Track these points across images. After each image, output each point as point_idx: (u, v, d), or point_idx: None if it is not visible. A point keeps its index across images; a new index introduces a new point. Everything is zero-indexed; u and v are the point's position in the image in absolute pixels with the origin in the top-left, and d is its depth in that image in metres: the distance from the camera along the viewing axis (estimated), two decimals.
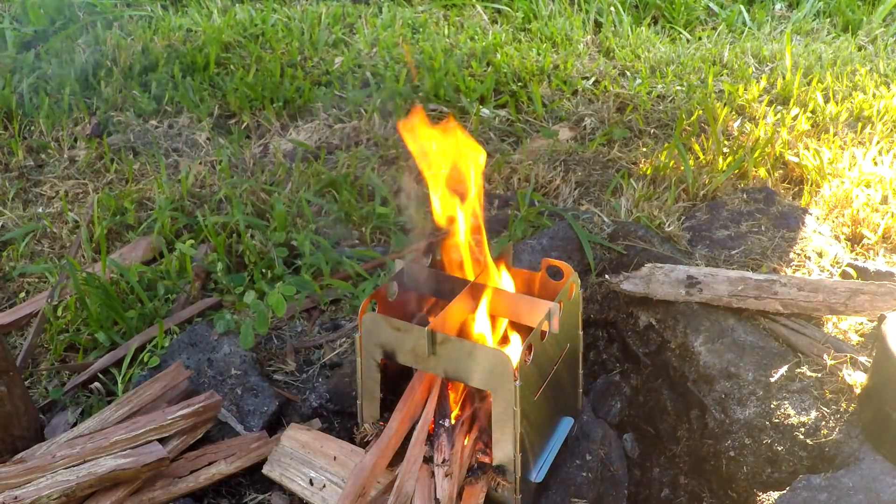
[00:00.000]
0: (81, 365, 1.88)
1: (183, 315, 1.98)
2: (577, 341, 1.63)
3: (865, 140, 2.73)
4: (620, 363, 2.04)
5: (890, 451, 1.42)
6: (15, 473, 1.43)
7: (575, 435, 1.63)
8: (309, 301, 2.02)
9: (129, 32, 3.77)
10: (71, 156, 2.82)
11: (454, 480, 1.40)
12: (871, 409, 1.50)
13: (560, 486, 1.54)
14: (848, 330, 1.84)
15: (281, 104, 3.08)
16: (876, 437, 1.47)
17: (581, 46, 3.59)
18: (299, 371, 1.82)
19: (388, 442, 1.44)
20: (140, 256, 2.21)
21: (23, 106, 3.10)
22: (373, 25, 3.81)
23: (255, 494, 1.58)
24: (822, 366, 1.69)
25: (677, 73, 3.33)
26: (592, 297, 2.06)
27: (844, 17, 4.02)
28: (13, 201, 2.59)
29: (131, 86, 3.23)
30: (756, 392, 1.67)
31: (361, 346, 1.50)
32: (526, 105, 3.12)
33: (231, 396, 1.71)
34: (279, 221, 2.28)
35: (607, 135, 2.86)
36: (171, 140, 2.91)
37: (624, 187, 2.46)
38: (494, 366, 1.35)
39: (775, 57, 3.46)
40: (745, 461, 1.64)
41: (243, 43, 3.60)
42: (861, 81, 3.18)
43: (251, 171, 2.67)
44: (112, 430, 1.52)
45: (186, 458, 1.55)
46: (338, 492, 1.46)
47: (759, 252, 2.08)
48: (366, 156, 2.72)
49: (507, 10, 4.03)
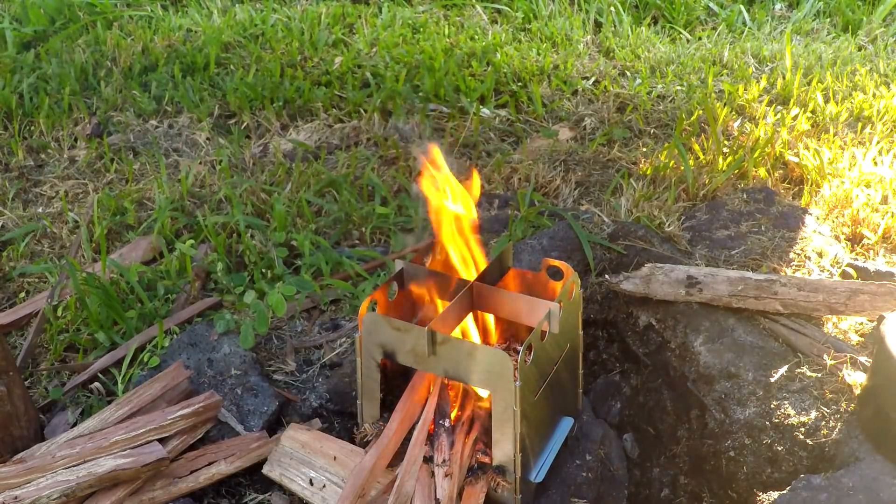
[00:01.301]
0: (81, 365, 1.88)
1: (183, 315, 1.98)
2: (577, 341, 1.63)
3: (865, 140, 2.73)
4: (620, 363, 2.04)
5: (890, 452, 1.43)
6: (15, 473, 1.43)
7: (575, 435, 1.63)
8: (309, 301, 2.02)
9: (129, 32, 3.77)
10: (71, 156, 2.82)
11: (454, 480, 1.40)
12: (870, 409, 1.50)
13: (560, 486, 1.54)
14: (848, 330, 1.84)
15: (281, 104, 3.08)
16: (876, 438, 1.47)
17: (581, 46, 3.59)
18: (299, 371, 1.82)
19: (387, 442, 1.44)
20: (140, 256, 2.21)
21: (23, 106, 3.10)
22: (373, 25, 3.81)
23: (255, 494, 1.58)
24: (822, 366, 1.69)
25: (677, 73, 3.33)
26: (592, 297, 2.06)
27: (844, 17, 4.02)
28: (13, 201, 2.59)
29: (131, 86, 3.23)
30: (756, 392, 1.67)
31: (361, 346, 1.50)
32: (526, 105, 3.12)
33: (231, 396, 1.71)
34: (279, 221, 2.28)
35: (607, 135, 2.86)
36: (171, 140, 2.92)
37: (624, 187, 2.46)
38: (494, 366, 1.35)
39: (775, 57, 3.46)
40: (745, 461, 1.64)
41: (243, 43, 3.60)
42: (861, 81, 3.18)
43: (251, 171, 2.67)
44: (112, 430, 1.52)
45: (186, 458, 1.55)
46: (338, 492, 1.46)
47: (759, 252, 2.08)
48: (366, 156, 2.72)
49: (507, 10, 4.03)
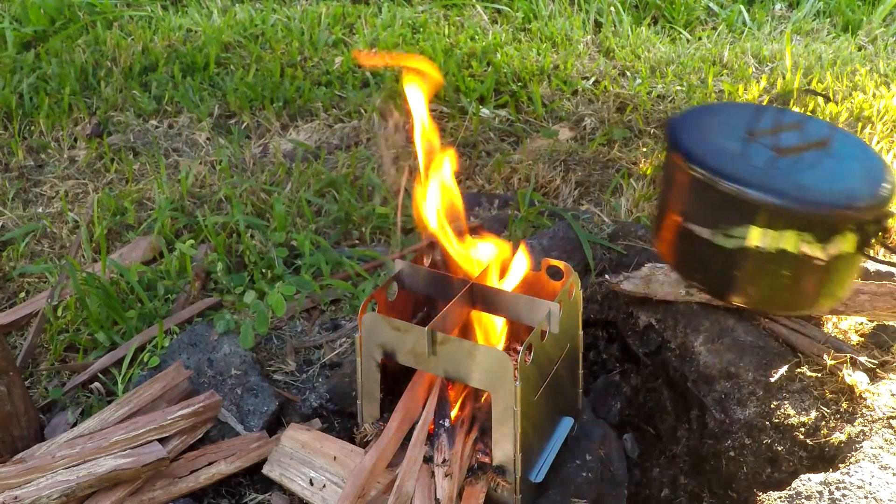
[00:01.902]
0: (81, 365, 1.88)
1: (183, 315, 1.98)
2: (577, 341, 1.63)
3: (865, 140, 2.73)
4: (620, 363, 2.04)
5: (676, 261, 1.34)
6: (15, 473, 1.43)
7: (575, 435, 1.63)
8: (309, 301, 2.02)
9: (129, 32, 3.77)
10: (71, 156, 2.82)
11: (454, 480, 1.40)
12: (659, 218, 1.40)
13: (560, 486, 1.54)
14: (848, 330, 1.84)
15: (281, 104, 3.08)
16: (665, 244, 1.38)
17: (581, 46, 3.59)
18: (299, 371, 1.82)
19: (387, 442, 1.44)
20: (140, 256, 2.21)
21: (23, 106, 3.10)
22: (373, 25, 3.81)
23: (255, 494, 1.58)
24: (822, 366, 1.69)
25: (677, 73, 3.33)
26: (592, 297, 2.06)
27: (844, 17, 4.02)
28: (13, 201, 2.59)
29: (131, 86, 3.23)
30: (756, 392, 1.67)
31: (361, 346, 1.50)
32: (526, 105, 3.12)
33: (231, 396, 1.71)
34: (279, 221, 2.28)
35: (607, 135, 2.86)
36: (171, 140, 2.92)
37: (624, 187, 2.46)
38: (494, 366, 1.35)
39: (775, 57, 3.46)
40: (745, 461, 1.64)
41: (243, 43, 3.60)
42: (861, 81, 3.18)
43: (251, 171, 2.67)
44: (112, 430, 1.52)
45: (186, 458, 1.55)
46: (338, 492, 1.46)
47: None
48: (366, 156, 2.72)
49: (507, 10, 4.03)
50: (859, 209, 1.13)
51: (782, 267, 1.15)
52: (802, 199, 1.10)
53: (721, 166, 1.13)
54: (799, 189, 1.11)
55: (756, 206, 1.11)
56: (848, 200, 1.12)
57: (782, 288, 1.17)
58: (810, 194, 1.11)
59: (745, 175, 1.12)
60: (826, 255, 1.15)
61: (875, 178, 1.18)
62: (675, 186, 1.22)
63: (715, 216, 1.15)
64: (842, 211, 1.11)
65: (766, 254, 1.15)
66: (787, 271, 1.15)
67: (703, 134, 1.23)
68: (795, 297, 1.20)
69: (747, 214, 1.13)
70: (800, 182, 1.14)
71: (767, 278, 1.16)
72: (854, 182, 1.18)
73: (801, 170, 1.17)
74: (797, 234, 1.12)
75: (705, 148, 1.18)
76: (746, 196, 1.11)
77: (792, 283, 1.16)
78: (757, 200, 1.11)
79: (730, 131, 1.24)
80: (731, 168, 1.13)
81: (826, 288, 1.19)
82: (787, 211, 1.10)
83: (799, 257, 1.14)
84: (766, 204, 1.11)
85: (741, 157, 1.17)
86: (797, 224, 1.12)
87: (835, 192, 1.14)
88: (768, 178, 1.13)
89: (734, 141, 1.21)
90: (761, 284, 1.17)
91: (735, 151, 1.19)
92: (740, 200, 1.12)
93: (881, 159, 1.24)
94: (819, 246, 1.13)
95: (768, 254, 1.14)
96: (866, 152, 1.27)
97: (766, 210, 1.11)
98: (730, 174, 1.12)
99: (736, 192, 1.11)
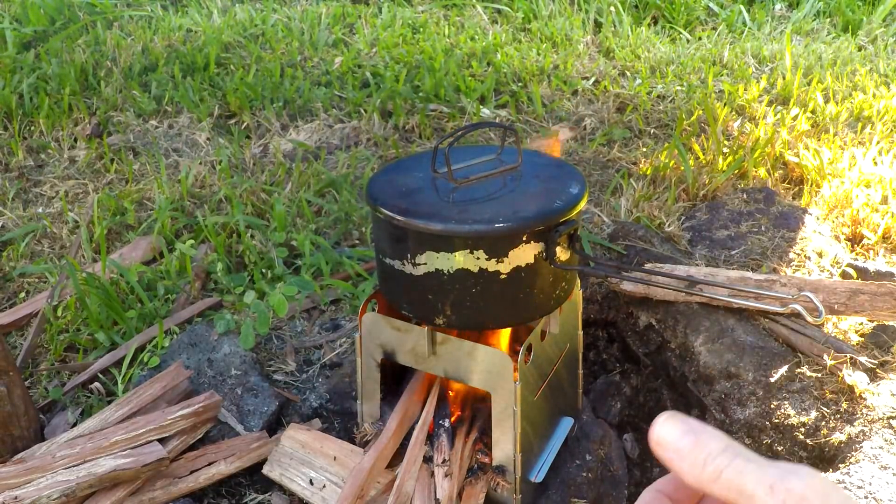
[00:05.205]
0: (81, 365, 1.88)
1: (183, 315, 1.98)
2: (576, 341, 1.63)
3: (865, 140, 2.73)
4: (620, 363, 2.04)
5: (389, 296, 1.42)
6: (15, 473, 1.43)
7: (575, 435, 1.63)
8: (309, 301, 2.02)
9: (129, 32, 3.77)
10: (71, 156, 2.82)
11: (454, 480, 1.40)
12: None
13: (560, 486, 1.54)
14: (848, 330, 1.84)
15: (281, 104, 3.08)
16: (381, 283, 1.44)
17: (581, 46, 3.59)
18: (299, 371, 1.82)
19: (387, 442, 1.45)
20: (140, 256, 2.21)
21: (23, 106, 3.10)
22: (373, 25, 3.81)
23: (255, 494, 1.58)
24: (822, 366, 1.69)
25: (677, 73, 3.33)
26: (592, 297, 2.06)
27: (844, 17, 4.02)
28: (13, 201, 2.59)
29: (131, 86, 3.23)
30: (756, 392, 1.67)
31: (361, 346, 1.50)
32: (526, 105, 3.12)
33: (231, 396, 1.71)
34: (279, 221, 2.28)
35: (607, 135, 2.86)
36: (171, 140, 2.91)
37: (624, 187, 2.46)
38: (494, 366, 1.35)
39: (775, 57, 3.46)
40: None
41: (243, 43, 3.60)
42: (861, 81, 3.18)
43: (251, 171, 2.67)
44: (112, 431, 1.52)
45: (186, 458, 1.55)
46: (338, 492, 1.46)
47: (759, 252, 2.08)
48: (366, 156, 2.72)
49: (507, 10, 4.03)
50: (526, 222, 1.24)
51: (469, 285, 1.27)
52: (465, 220, 1.22)
53: (396, 203, 1.27)
54: (464, 212, 1.24)
55: (425, 233, 1.24)
56: (512, 216, 1.24)
57: (481, 304, 1.30)
58: (474, 216, 1.23)
59: (415, 208, 1.26)
60: (507, 268, 1.26)
61: (552, 195, 1.30)
62: (375, 230, 1.38)
63: (402, 248, 1.30)
64: (505, 226, 1.23)
65: (452, 274, 1.27)
66: (475, 288, 1.28)
67: (391, 178, 1.38)
68: (498, 310, 1.32)
69: (424, 242, 1.26)
70: (468, 206, 1.27)
71: (460, 296, 1.30)
72: (526, 200, 1.31)
73: (476, 195, 1.31)
74: (470, 253, 1.24)
75: (388, 190, 1.32)
76: (415, 226, 1.24)
77: (486, 298, 1.29)
78: (424, 228, 1.23)
79: (418, 173, 1.39)
80: (405, 204, 1.27)
81: (528, 298, 1.32)
82: (453, 233, 1.22)
83: (482, 274, 1.26)
84: (432, 230, 1.23)
85: (418, 193, 1.31)
86: (467, 244, 1.23)
87: (501, 211, 1.26)
88: (438, 207, 1.27)
89: (418, 181, 1.36)
90: (457, 303, 1.31)
91: (415, 189, 1.33)
92: (412, 231, 1.25)
93: (575, 179, 1.35)
94: (494, 261, 1.25)
95: (453, 274, 1.27)
96: (561, 171, 1.40)
97: (433, 235, 1.24)
98: (402, 209, 1.25)
99: (404, 224, 1.25)
